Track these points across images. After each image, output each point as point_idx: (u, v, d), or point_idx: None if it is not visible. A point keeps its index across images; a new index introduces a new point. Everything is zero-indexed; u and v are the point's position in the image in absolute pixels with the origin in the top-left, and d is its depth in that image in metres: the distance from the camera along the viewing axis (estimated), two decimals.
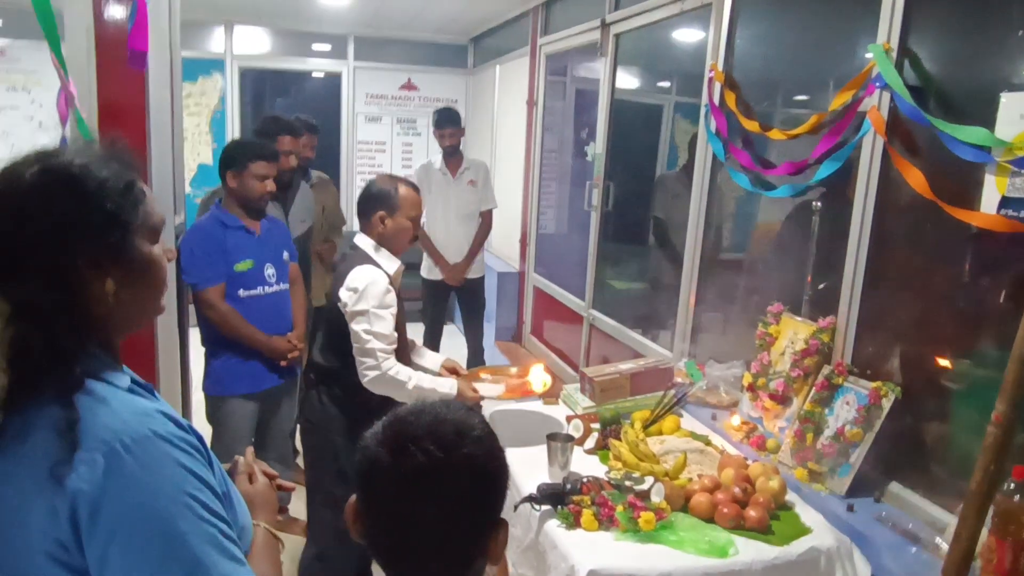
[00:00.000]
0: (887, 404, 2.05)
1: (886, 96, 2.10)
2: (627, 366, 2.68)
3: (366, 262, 2.33)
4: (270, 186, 2.87)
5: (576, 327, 4.56)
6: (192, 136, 6.50)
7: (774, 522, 1.91)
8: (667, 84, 4.51)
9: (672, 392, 2.57)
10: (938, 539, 1.82)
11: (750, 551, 1.79)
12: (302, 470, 2.69)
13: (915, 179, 1.93)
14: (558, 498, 1.93)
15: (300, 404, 2.66)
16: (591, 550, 1.76)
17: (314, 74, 7.34)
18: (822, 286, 2.49)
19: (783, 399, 2.41)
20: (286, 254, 3.05)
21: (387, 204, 2.37)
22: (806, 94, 2.87)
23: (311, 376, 2.52)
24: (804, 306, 2.53)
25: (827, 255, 2.42)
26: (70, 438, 0.84)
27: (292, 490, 1.26)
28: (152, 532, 0.84)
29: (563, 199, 5.39)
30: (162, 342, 2.42)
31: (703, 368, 2.86)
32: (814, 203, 2.50)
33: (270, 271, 2.91)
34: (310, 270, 3.84)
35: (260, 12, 6.40)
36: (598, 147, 4.25)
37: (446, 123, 4.50)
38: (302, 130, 3.73)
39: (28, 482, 0.85)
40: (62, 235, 0.90)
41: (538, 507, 1.94)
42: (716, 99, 2.94)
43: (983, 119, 1.77)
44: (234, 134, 6.49)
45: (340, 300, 2.30)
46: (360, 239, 2.42)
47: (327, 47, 7.01)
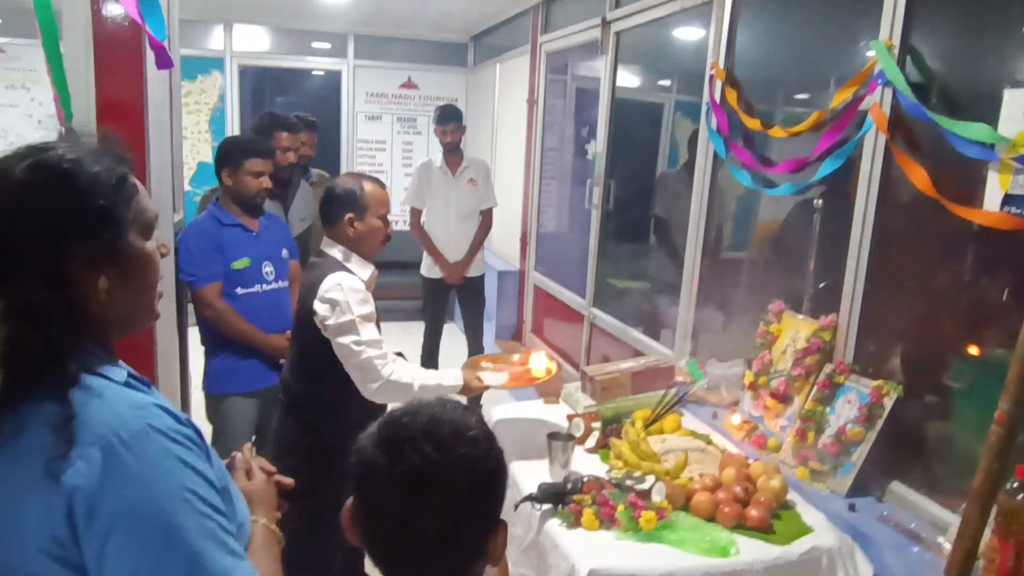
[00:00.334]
0: (889, 403, 2.04)
1: (888, 93, 2.09)
2: (628, 365, 2.68)
3: (338, 270, 2.15)
4: (266, 183, 2.87)
5: (577, 326, 4.56)
6: (191, 134, 6.49)
7: (775, 521, 1.90)
8: (668, 82, 4.50)
9: (673, 391, 2.57)
10: (940, 539, 1.81)
11: (751, 551, 1.78)
12: None
13: (918, 176, 1.92)
14: (559, 497, 1.92)
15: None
16: (592, 549, 1.75)
17: (314, 72, 7.34)
18: (823, 284, 2.48)
19: (784, 398, 2.40)
20: (285, 252, 3.04)
21: (355, 205, 2.18)
22: (807, 91, 2.86)
23: (280, 396, 2.34)
24: (805, 304, 2.53)
25: (828, 253, 2.42)
26: (66, 434, 0.83)
27: (291, 486, 1.25)
28: (150, 527, 0.83)
29: (563, 197, 5.38)
30: (161, 341, 2.41)
31: (704, 367, 2.85)
32: (815, 201, 2.49)
33: (268, 269, 2.90)
34: None
35: (260, 10, 6.38)
36: (599, 145, 4.25)
37: (448, 119, 4.50)
38: (299, 127, 3.72)
39: (23, 479, 0.84)
40: (54, 232, 0.89)
41: (539, 506, 1.93)
42: (717, 97, 2.93)
43: (986, 116, 1.76)
44: (233, 132, 6.48)
45: (316, 314, 2.11)
46: (328, 246, 2.23)
47: (327, 45, 7.01)
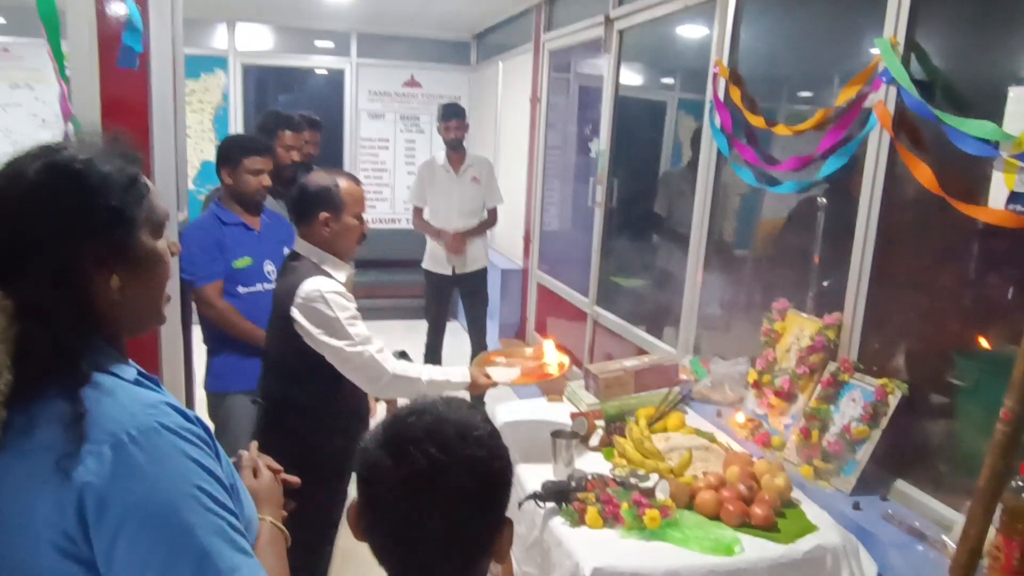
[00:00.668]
0: (893, 401, 2.04)
1: (893, 91, 2.09)
2: (631, 363, 2.67)
3: (314, 273, 2.06)
4: (265, 181, 2.87)
5: (580, 324, 4.56)
6: (195, 133, 6.50)
7: (780, 520, 1.90)
8: (671, 80, 4.49)
9: (677, 389, 2.57)
10: (945, 537, 1.81)
11: (755, 549, 1.78)
12: None
13: (923, 174, 1.91)
14: (563, 495, 1.92)
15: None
16: (596, 548, 1.75)
17: (317, 71, 7.34)
18: (827, 282, 2.48)
19: (788, 396, 2.40)
20: (287, 250, 3.04)
21: (330, 204, 2.10)
22: (811, 89, 2.86)
23: (257, 401, 2.25)
24: (810, 302, 2.52)
25: (833, 251, 2.41)
26: (77, 431, 0.84)
27: (297, 484, 1.25)
28: (160, 524, 0.84)
29: (567, 196, 5.38)
30: (166, 339, 2.41)
31: (708, 365, 2.85)
32: (819, 199, 2.49)
33: (270, 267, 2.90)
34: None
35: (263, 9, 6.39)
36: (602, 144, 4.24)
37: (451, 116, 4.51)
38: (303, 125, 3.72)
39: (35, 475, 0.85)
40: (67, 232, 0.89)
41: (542, 504, 1.93)
42: (721, 94, 2.93)
43: (991, 114, 1.76)
44: (237, 131, 6.48)
45: (296, 322, 2.02)
46: (302, 246, 2.14)
47: (330, 44, 7.01)
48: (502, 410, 2.63)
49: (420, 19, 6.48)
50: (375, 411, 2.40)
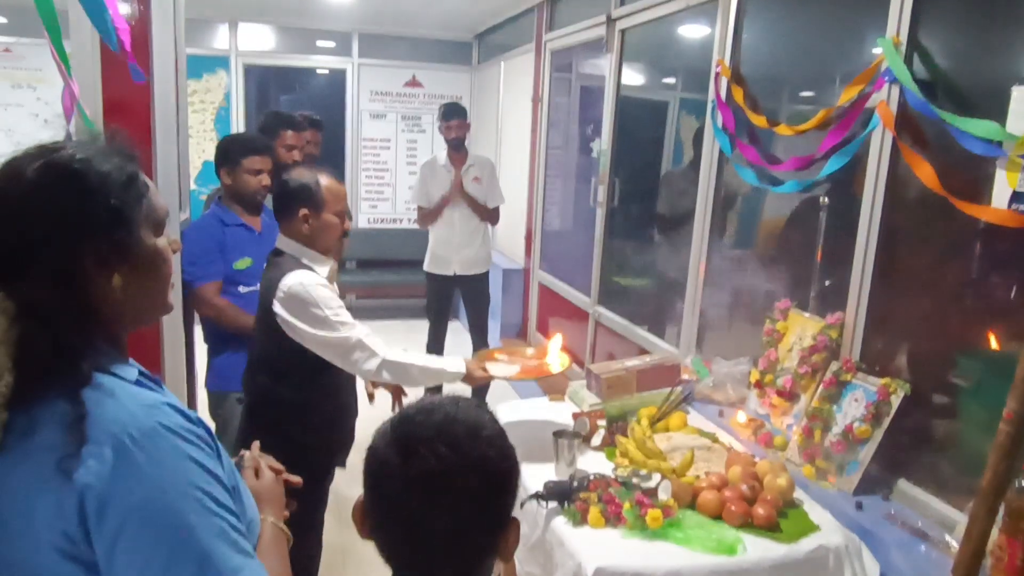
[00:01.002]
0: (896, 401, 2.04)
1: (895, 90, 2.09)
2: (633, 363, 2.67)
3: (296, 268, 2.07)
4: (265, 180, 2.86)
5: (582, 324, 4.56)
6: (197, 133, 6.50)
7: (782, 520, 1.90)
8: (673, 80, 4.49)
9: (679, 389, 2.56)
10: (948, 537, 1.81)
11: (758, 549, 1.78)
12: None
13: (925, 173, 1.91)
14: (565, 495, 1.92)
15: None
16: (598, 547, 1.75)
17: (318, 71, 7.34)
18: (830, 282, 2.48)
19: (791, 396, 2.40)
20: None
21: (310, 200, 2.09)
22: (814, 89, 2.85)
23: (241, 398, 2.24)
24: (812, 302, 2.52)
25: (835, 251, 2.41)
26: (78, 432, 0.83)
27: (298, 484, 1.25)
28: (161, 526, 0.83)
29: (568, 196, 5.38)
30: (167, 338, 2.41)
31: (710, 365, 2.85)
32: (821, 199, 2.48)
33: None
34: None
35: (264, 9, 6.39)
36: (603, 143, 4.24)
37: (452, 115, 4.50)
38: (304, 125, 3.73)
39: (36, 476, 0.84)
40: (67, 233, 0.89)
41: (545, 504, 1.93)
42: (723, 94, 2.92)
43: (995, 113, 1.75)
44: (239, 131, 6.49)
45: (279, 316, 2.01)
46: (283, 242, 2.15)
47: (331, 44, 7.01)
48: (504, 410, 2.62)
49: (421, 19, 6.48)
50: (374, 398, 2.38)
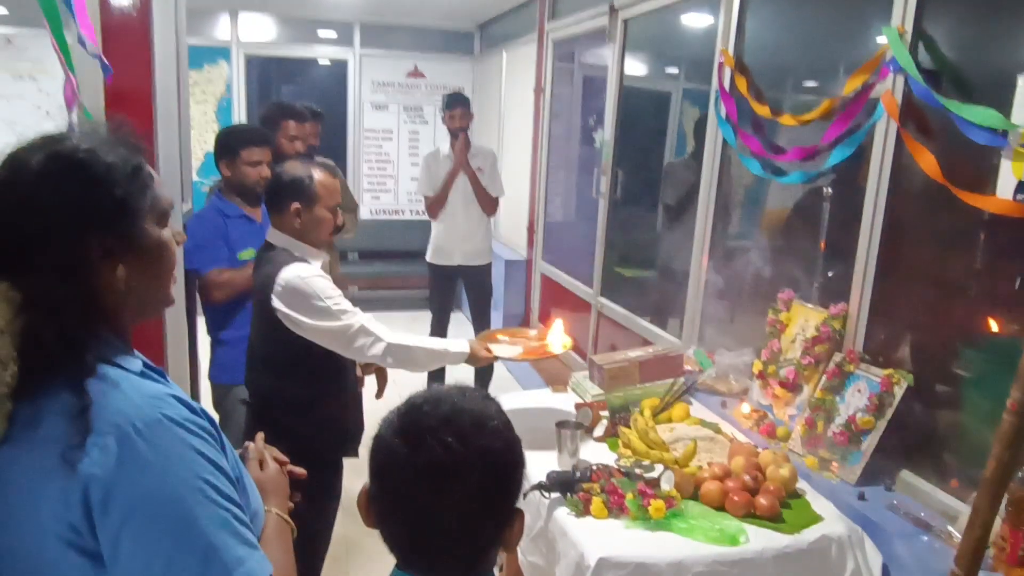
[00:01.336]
0: (899, 392, 2.04)
1: (900, 80, 2.08)
2: (636, 354, 2.67)
3: (291, 261, 2.04)
4: (264, 172, 2.85)
5: (584, 315, 4.56)
6: (199, 124, 6.49)
7: (785, 510, 1.90)
8: (676, 70, 4.47)
9: (682, 380, 2.57)
10: (950, 528, 1.81)
11: (761, 539, 1.78)
12: None
13: (927, 163, 1.90)
14: (568, 486, 1.93)
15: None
16: (601, 538, 1.76)
17: (320, 61, 7.32)
18: (833, 273, 2.47)
19: (794, 387, 2.40)
20: None
21: (302, 195, 2.05)
22: (818, 79, 2.84)
23: (245, 400, 2.22)
24: (815, 293, 2.52)
25: (838, 241, 2.40)
26: (82, 423, 0.83)
27: (303, 476, 1.25)
28: (165, 517, 0.84)
29: (571, 186, 5.37)
30: (171, 330, 2.41)
31: (712, 356, 2.85)
32: (825, 189, 2.48)
33: None
34: None
35: None
36: (606, 134, 4.23)
37: (456, 104, 4.48)
38: (307, 115, 3.71)
39: (40, 467, 0.85)
40: (71, 223, 0.89)
41: (547, 495, 1.94)
42: (726, 84, 2.91)
43: (1000, 103, 1.74)
44: (240, 122, 6.48)
45: (278, 311, 1.99)
46: (274, 236, 2.11)
47: (333, 34, 6.99)
48: (506, 400, 2.63)
49: (423, 9, 6.46)
50: (363, 383, 2.37)
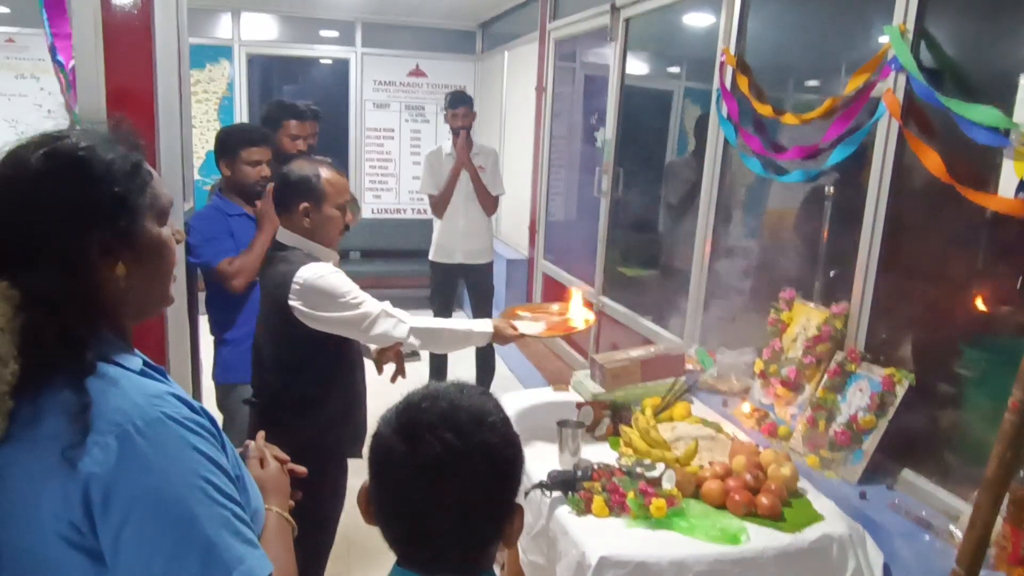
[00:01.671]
0: (900, 391, 2.03)
1: (902, 79, 2.07)
2: (638, 353, 2.67)
3: (307, 261, 2.02)
4: (264, 171, 2.85)
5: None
6: (200, 123, 6.49)
7: (786, 509, 1.90)
8: (677, 69, 4.47)
9: (683, 379, 2.56)
10: (952, 527, 1.81)
11: (762, 538, 1.79)
12: None
13: (931, 161, 1.90)
14: (569, 484, 1.93)
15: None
16: (602, 536, 1.76)
17: (322, 61, 7.32)
18: (834, 272, 2.47)
19: (795, 386, 2.40)
20: None
21: (310, 194, 2.04)
22: (819, 78, 2.83)
23: (251, 400, 2.20)
24: (817, 292, 2.51)
25: (840, 240, 2.40)
26: (82, 422, 0.84)
27: (303, 474, 1.25)
28: (165, 515, 0.84)
29: (572, 185, 5.36)
30: (172, 329, 2.41)
31: (714, 355, 2.85)
32: (827, 188, 2.47)
33: None
34: None
35: None
36: (608, 133, 4.23)
37: (459, 103, 4.49)
38: (308, 114, 3.71)
39: (41, 466, 0.85)
40: (71, 221, 0.89)
41: (549, 493, 1.94)
42: (728, 83, 2.91)
43: (1002, 102, 1.74)
44: (242, 121, 6.48)
45: (297, 310, 1.97)
46: (285, 236, 2.09)
47: (335, 33, 6.99)
48: (508, 399, 2.63)
49: (425, 8, 6.46)
50: (382, 371, 2.38)
